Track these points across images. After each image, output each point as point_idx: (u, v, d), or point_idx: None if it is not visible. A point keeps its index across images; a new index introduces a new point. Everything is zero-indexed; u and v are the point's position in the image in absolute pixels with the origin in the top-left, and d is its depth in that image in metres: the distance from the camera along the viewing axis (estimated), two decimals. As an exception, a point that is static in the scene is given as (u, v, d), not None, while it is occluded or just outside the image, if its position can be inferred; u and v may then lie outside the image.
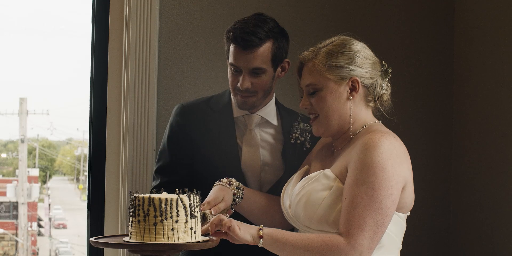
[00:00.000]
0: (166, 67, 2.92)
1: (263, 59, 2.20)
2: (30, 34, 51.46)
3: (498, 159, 2.73)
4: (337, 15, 2.99)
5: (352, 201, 1.83)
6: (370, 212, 1.81)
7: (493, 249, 2.75)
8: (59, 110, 50.11)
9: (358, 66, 1.98)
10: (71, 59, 53.22)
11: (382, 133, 1.92)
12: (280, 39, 2.24)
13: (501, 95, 2.73)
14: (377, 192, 1.83)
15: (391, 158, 1.86)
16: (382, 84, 2.03)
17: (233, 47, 2.21)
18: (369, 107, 2.04)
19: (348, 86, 1.99)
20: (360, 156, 1.86)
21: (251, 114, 2.31)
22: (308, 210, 1.93)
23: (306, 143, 2.32)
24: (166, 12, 2.92)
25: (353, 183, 1.85)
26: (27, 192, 18.84)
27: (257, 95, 2.25)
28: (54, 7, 57.95)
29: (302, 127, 2.32)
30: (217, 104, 2.35)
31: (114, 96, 2.93)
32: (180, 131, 2.32)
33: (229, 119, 2.31)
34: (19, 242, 18.85)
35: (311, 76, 2.00)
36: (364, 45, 2.03)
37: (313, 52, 2.02)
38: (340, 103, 1.98)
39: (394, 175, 1.85)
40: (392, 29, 3.02)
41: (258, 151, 2.29)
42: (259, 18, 2.24)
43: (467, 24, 2.96)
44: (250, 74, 2.22)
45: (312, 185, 1.94)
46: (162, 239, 1.83)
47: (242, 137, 2.30)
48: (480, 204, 2.84)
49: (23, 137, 18.22)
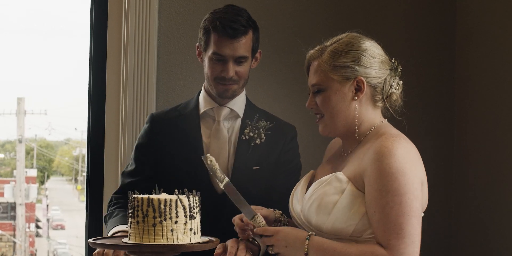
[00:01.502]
0: (165, 66, 2.92)
1: (246, 47, 2.26)
2: (29, 34, 51.58)
3: (499, 160, 2.73)
4: (337, 15, 2.98)
5: (383, 212, 1.80)
6: (404, 218, 1.79)
7: (494, 250, 2.75)
8: (57, 110, 50.23)
9: (364, 66, 1.93)
10: (69, 59, 53.28)
11: (393, 137, 1.87)
12: (256, 29, 2.31)
13: (503, 95, 2.73)
14: (405, 197, 1.79)
15: (408, 161, 1.83)
16: (391, 83, 1.97)
17: (216, 36, 2.24)
18: (377, 107, 1.99)
19: (353, 87, 1.94)
20: (377, 164, 1.82)
21: (220, 106, 2.33)
22: (320, 214, 1.90)
23: (257, 140, 2.31)
24: (165, 11, 2.92)
25: (378, 194, 1.81)
26: (25, 192, 18.84)
27: (239, 83, 2.29)
28: (53, 6, 58.08)
29: (255, 124, 2.32)
30: (185, 107, 2.40)
31: (112, 96, 2.93)
32: (147, 137, 2.38)
33: (195, 116, 2.35)
34: (16, 243, 18.84)
35: (316, 75, 1.97)
36: (373, 43, 1.98)
37: (318, 51, 1.98)
38: (345, 104, 1.94)
39: (415, 178, 1.83)
40: (392, 29, 3.01)
41: (225, 144, 2.31)
42: (235, 8, 2.29)
43: (469, 24, 2.96)
44: (235, 62, 2.26)
45: (324, 189, 1.90)
46: (161, 240, 1.82)
47: (211, 131, 2.33)
48: (481, 205, 2.84)
49: (21, 137, 18.21)
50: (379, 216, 1.80)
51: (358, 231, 1.86)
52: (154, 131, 2.37)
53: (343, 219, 1.87)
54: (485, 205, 2.82)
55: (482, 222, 2.84)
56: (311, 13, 2.99)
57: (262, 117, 2.35)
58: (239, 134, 2.33)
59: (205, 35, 2.28)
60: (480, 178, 2.86)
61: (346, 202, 1.87)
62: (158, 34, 2.90)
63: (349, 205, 1.86)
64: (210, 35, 2.26)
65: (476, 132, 2.89)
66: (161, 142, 2.35)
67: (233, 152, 2.31)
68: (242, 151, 2.30)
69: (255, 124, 2.33)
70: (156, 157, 2.35)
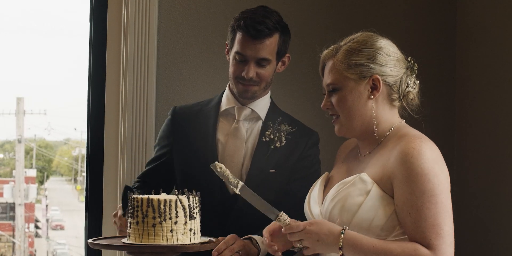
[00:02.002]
0: (164, 66, 2.91)
1: (270, 50, 2.24)
2: (28, 34, 51.53)
3: (500, 160, 2.73)
4: (337, 15, 2.97)
5: (420, 213, 1.78)
6: (442, 219, 1.78)
7: (494, 249, 2.75)
8: (56, 110, 50.17)
9: (379, 64, 1.90)
10: (69, 58, 53.24)
11: (417, 138, 1.85)
12: (285, 32, 2.29)
13: (503, 95, 2.73)
14: (440, 197, 1.79)
15: (437, 162, 1.82)
16: (408, 81, 1.95)
17: (241, 36, 2.24)
18: (394, 106, 1.96)
19: (369, 85, 1.90)
20: (407, 166, 1.80)
21: (242, 106, 2.32)
22: (344, 216, 1.86)
23: (277, 143, 2.29)
24: (165, 11, 2.91)
25: (412, 196, 1.79)
26: (24, 193, 18.84)
27: (260, 85, 2.28)
28: (52, 6, 58.03)
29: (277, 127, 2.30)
30: (207, 104, 2.40)
31: (112, 95, 2.92)
32: (167, 129, 2.39)
33: (214, 112, 2.34)
34: (16, 243, 18.83)
35: (331, 75, 1.94)
36: (388, 41, 1.95)
37: (333, 50, 1.96)
38: (361, 103, 1.91)
39: (446, 178, 1.83)
40: (392, 29, 3.00)
41: (242, 144, 2.30)
42: (266, 10, 2.28)
43: (469, 24, 2.96)
44: (256, 64, 2.25)
45: (348, 190, 1.87)
46: (161, 241, 1.82)
47: (229, 130, 2.32)
48: (481, 205, 2.84)
49: (20, 137, 18.21)
50: (415, 217, 1.78)
51: (383, 233, 1.84)
52: (174, 123, 2.37)
53: (368, 221, 1.84)
54: (485, 205, 2.82)
55: (482, 222, 2.84)
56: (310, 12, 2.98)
57: (285, 121, 2.33)
58: (259, 135, 2.30)
59: (232, 33, 2.28)
60: (480, 178, 2.85)
61: (371, 204, 1.84)
62: (158, 34, 2.89)
63: (375, 207, 1.83)
64: (235, 34, 2.26)
65: (476, 132, 2.89)
66: (180, 133, 2.35)
67: (250, 153, 2.29)
68: (260, 153, 2.28)
69: (276, 127, 2.31)
70: (174, 148, 2.35)
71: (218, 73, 2.86)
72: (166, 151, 2.37)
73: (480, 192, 2.85)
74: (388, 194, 1.84)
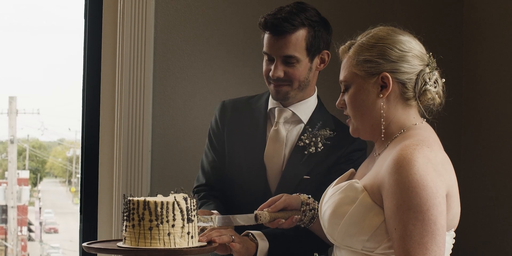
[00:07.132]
0: (161, 64, 2.89)
1: (295, 47, 2.15)
2: (20, 30, 51.41)
3: (508, 160, 2.73)
4: (340, 15, 2.95)
5: (405, 230, 1.66)
6: (428, 237, 1.66)
7: (502, 250, 2.75)
8: (50, 110, 49.98)
9: (390, 60, 1.80)
10: (63, 56, 53.20)
11: (414, 144, 1.73)
12: (317, 28, 2.18)
13: (511, 95, 2.73)
14: (428, 214, 1.66)
15: (429, 172, 1.68)
16: (426, 79, 1.82)
17: (266, 34, 2.18)
18: (410, 106, 1.84)
19: (378, 83, 1.81)
20: (395, 177, 1.68)
21: (283, 108, 2.25)
22: (331, 223, 1.81)
23: (311, 149, 2.22)
24: (162, 7, 2.90)
25: (398, 211, 1.67)
26: (17, 195, 18.86)
27: (292, 85, 2.20)
28: (45, 2, 57.91)
29: (315, 131, 2.22)
30: (257, 101, 2.32)
31: (107, 94, 2.90)
32: (215, 125, 2.33)
33: (263, 112, 2.28)
34: (8, 247, 18.82)
35: (343, 71, 1.87)
36: (406, 37, 1.85)
37: (347, 46, 1.88)
38: (369, 102, 1.81)
39: (438, 190, 1.69)
40: (399, 27, 2.98)
41: (281, 147, 2.23)
42: (298, 6, 2.19)
43: (476, 23, 2.97)
44: (283, 62, 2.17)
45: (339, 196, 1.80)
46: (157, 244, 1.80)
47: (270, 132, 2.26)
48: (490, 205, 2.84)
49: (12, 137, 18.21)
50: (400, 234, 1.67)
51: (370, 244, 1.75)
52: (223, 117, 2.31)
53: (352, 232, 1.76)
54: (494, 205, 2.82)
55: (491, 222, 2.83)
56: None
57: (327, 125, 2.24)
58: (297, 140, 2.23)
59: (262, 34, 2.22)
60: (488, 178, 2.85)
61: (356, 214, 1.76)
62: (154, 30, 2.87)
63: (360, 218, 1.75)
64: (264, 33, 2.21)
65: (484, 133, 2.89)
66: (229, 127, 2.29)
67: (287, 158, 2.22)
68: (295, 158, 2.21)
69: (314, 132, 2.22)
70: (226, 144, 2.29)
71: (216, 70, 2.85)
72: (222, 149, 2.29)
73: (487, 192, 2.85)
74: (377, 204, 1.74)
